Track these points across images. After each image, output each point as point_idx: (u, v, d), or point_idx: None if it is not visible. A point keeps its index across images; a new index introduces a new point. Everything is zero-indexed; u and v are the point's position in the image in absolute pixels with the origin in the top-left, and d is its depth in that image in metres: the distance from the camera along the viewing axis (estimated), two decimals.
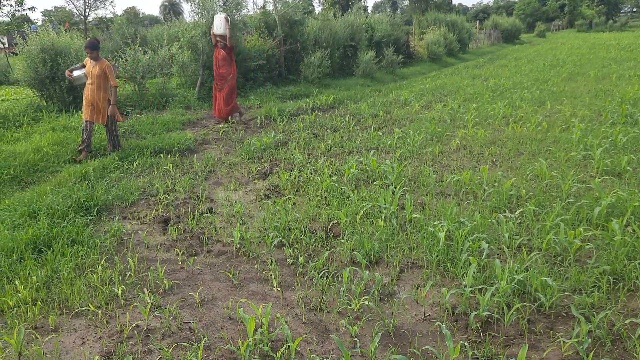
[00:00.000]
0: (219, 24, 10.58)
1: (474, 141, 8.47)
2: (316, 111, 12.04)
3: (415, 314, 3.79)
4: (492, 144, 8.31)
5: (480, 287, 3.90)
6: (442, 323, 3.35)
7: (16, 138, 8.98)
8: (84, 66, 8.20)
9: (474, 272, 3.96)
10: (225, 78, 10.93)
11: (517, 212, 5.27)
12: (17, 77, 11.91)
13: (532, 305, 3.76)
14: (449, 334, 3.16)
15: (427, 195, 6.06)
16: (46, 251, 4.79)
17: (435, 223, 4.91)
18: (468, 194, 6.06)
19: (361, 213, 5.30)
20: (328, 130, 10.03)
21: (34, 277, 4.29)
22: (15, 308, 3.94)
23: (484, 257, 4.35)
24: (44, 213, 5.52)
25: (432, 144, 8.50)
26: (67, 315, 3.92)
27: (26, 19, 25.00)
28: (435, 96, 14.01)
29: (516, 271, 4.02)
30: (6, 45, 24.74)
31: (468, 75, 19.37)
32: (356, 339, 3.42)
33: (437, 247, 4.55)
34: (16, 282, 4.20)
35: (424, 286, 4.06)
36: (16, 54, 22.06)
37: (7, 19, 25.07)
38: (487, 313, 3.61)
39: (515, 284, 3.88)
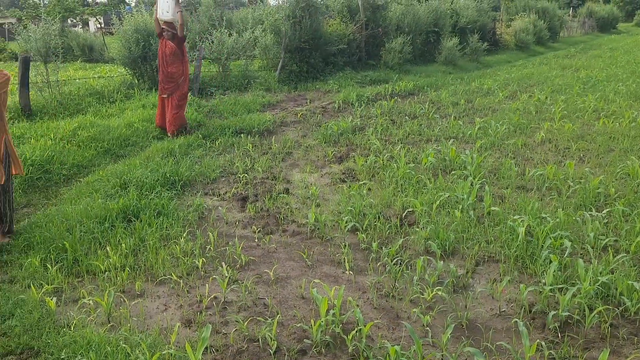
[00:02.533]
0: (166, 7, 8.00)
1: (560, 135, 8.09)
2: (395, 97, 11.92)
3: (491, 309, 3.71)
4: (580, 138, 7.90)
5: (560, 286, 3.75)
6: (518, 320, 3.26)
7: (110, 113, 9.53)
8: None
9: (554, 271, 3.81)
10: (176, 80, 8.25)
11: (604, 212, 5.01)
12: (112, 55, 12.59)
13: (616, 309, 3.58)
14: (526, 331, 3.08)
15: (507, 188, 5.87)
16: (134, 221, 5.09)
17: (515, 217, 4.76)
18: (551, 190, 5.82)
19: (437, 202, 5.23)
20: (406, 117, 9.92)
21: (123, 245, 4.57)
22: (106, 272, 4.23)
23: (565, 255, 4.17)
24: (133, 185, 5.86)
25: (515, 135, 8.20)
26: (152, 282, 4.16)
27: (122, 0, 26.29)
28: (521, 86, 13.45)
29: (600, 273, 3.83)
30: (103, 26, 26.16)
31: (557, 65, 18.42)
32: (428, 328, 3.41)
33: (516, 242, 4.42)
34: (107, 248, 4.50)
35: (500, 281, 3.96)
36: (112, 34, 23.32)
37: (104, 0, 26.45)
38: (566, 313, 3.47)
39: (598, 285, 3.70)
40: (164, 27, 8.05)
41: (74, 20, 24.54)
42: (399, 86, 13.27)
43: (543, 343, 3.17)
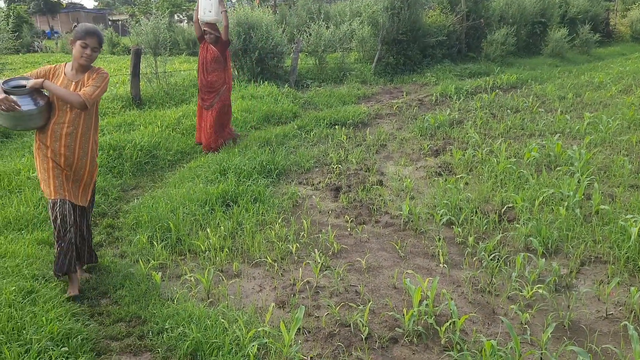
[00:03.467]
0: (208, 6, 7.00)
1: None
2: (496, 90, 11.45)
3: (597, 311, 3.47)
4: None
5: None
6: (628, 323, 3.02)
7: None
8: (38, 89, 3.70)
9: None
10: (217, 90, 7.24)
11: None
12: None
13: None
14: (636, 335, 2.85)
15: (618, 186, 5.45)
16: (233, 205, 5.30)
17: (628, 217, 4.41)
18: None
19: (540, 199, 4.97)
20: (508, 110, 9.50)
21: (222, 227, 4.77)
22: (207, 252, 4.44)
23: None
24: (232, 172, 6.09)
25: (630, 132, 7.59)
26: (248, 264, 4.31)
27: None
28: (637, 80, 12.43)
29: None
30: None
31: None
32: (526, 326, 3.25)
33: (628, 243, 4.09)
34: (207, 230, 4.72)
35: (608, 283, 3.70)
36: None
37: None
38: None
39: None
40: (205, 29, 7.04)
41: (180, 16, 25.92)
42: (501, 79, 12.73)
43: None
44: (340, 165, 6.65)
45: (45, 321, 3.07)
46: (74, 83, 3.77)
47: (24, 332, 2.96)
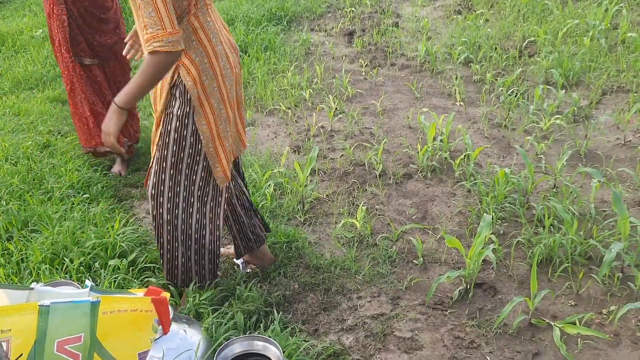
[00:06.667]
0: None
1: None
2: None
3: (616, 139, 3.42)
4: None
5: None
6: None
7: None
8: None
9: None
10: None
11: None
12: None
13: None
14: None
15: None
16: (243, 55, 5.14)
17: None
18: None
19: (564, 30, 4.69)
20: None
21: None
22: None
23: None
24: (240, 20, 5.83)
25: None
26: (262, 112, 4.27)
27: None
28: None
29: None
30: None
31: None
32: (541, 156, 3.23)
33: None
34: None
35: (629, 110, 3.59)
36: None
37: None
38: None
39: None
40: None
41: None
42: None
43: None
44: (353, 9, 6.31)
45: (65, 171, 3.15)
46: None
47: (45, 181, 3.05)
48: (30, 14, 6.17)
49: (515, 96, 3.97)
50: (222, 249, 2.62)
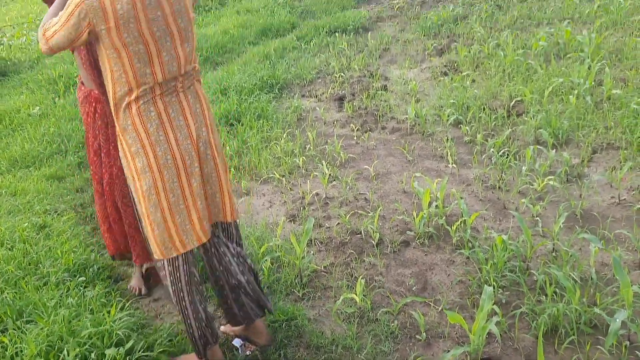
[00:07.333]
0: None
1: None
2: None
3: (610, 197, 3.44)
4: None
5: None
6: None
7: (207, 22, 9.61)
8: None
9: None
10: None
11: None
12: None
13: None
14: None
15: (631, 69, 5.25)
16: (236, 124, 5.22)
17: None
18: None
19: (550, 89, 4.81)
20: (514, 0, 9.04)
21: (228, 147, 4.72)
22: None
23: None
24: (233, 90, 5.95)
25: None
26: (256, 181, 4.29)
27: None
28: None
29: None
30: None
31: None
32: (537, 218, 3.24)
33: None
34: None
35: (621, 168, 3.63)
36: None
37: None
38: None
39: None
40: None
41: None
42: None
43: None
44: (342, 74, 6.47)
45: (60, 254, 3.12)
46: None
47: (40, 266, 3.02)
48: (28, 92, 6.27)
49: (507, 157, 4.02)
50: (222, 327, 2.60)
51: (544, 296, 2.58)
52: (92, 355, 2.28)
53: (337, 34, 8.28)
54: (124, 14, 1.87)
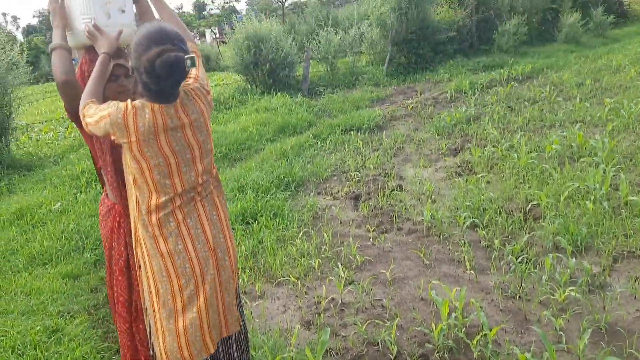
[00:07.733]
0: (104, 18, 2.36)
1: None
2: (511, 82, 11.25)
3: (636, 310, 3.34)
4: None
5: None
6: None
7: (226, 119, 9.98)
8: None
9: None
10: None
11: None
12: (226, 64, 13.17)
13: None
14: None
15: None
16: (252, 223, 5.26)
17: None
18: None
19: (565, 194, 4.83)
20: (525, 102, 9.32)
21: (243, 247, 4.73)
22: None
23: None
24: (250, 188, 6.06)
25: None
26: (271, 283, 4.25)
27: (233, 10, 27.63)
28: None
29: None
30: (217, 35, 27.59)
31: None
32: (561, 332, 3.13)
33: None
34: None
35: None
36: (225, 43, 24.55)
37: (218, 11, 27.85)
38: None
39: None
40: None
41: (192, 33, 26.19)
42: (515, 70, 12.51)
43: None
44: (358, 172, 6.58)
45: None
46: None
47: None
48: (51, 187, 6.45)
49: (526, 264, 3.97)
50: None
51: None
52: None
53: (352, 133, 8.53)
54: (145, 131, 1.99)
